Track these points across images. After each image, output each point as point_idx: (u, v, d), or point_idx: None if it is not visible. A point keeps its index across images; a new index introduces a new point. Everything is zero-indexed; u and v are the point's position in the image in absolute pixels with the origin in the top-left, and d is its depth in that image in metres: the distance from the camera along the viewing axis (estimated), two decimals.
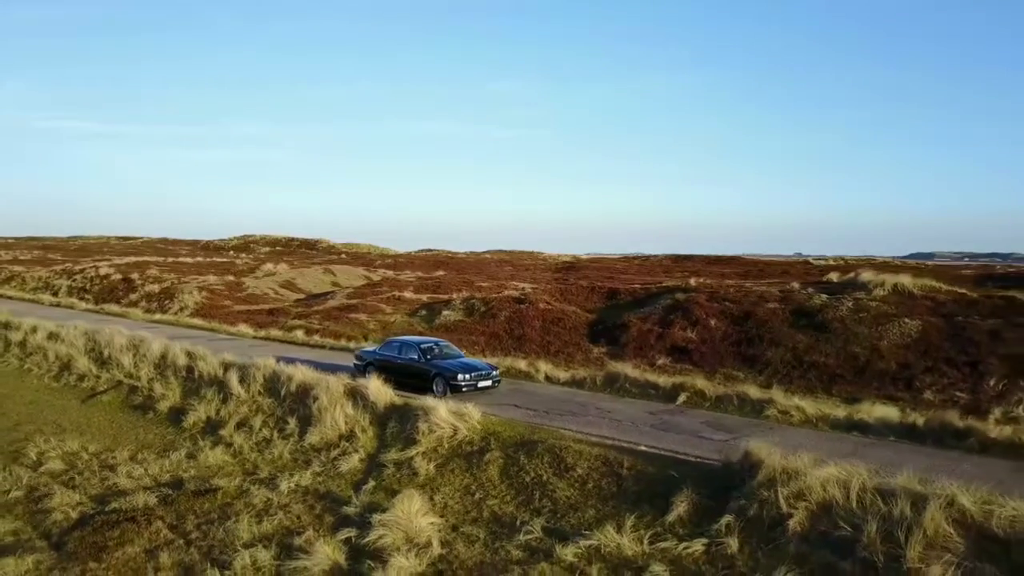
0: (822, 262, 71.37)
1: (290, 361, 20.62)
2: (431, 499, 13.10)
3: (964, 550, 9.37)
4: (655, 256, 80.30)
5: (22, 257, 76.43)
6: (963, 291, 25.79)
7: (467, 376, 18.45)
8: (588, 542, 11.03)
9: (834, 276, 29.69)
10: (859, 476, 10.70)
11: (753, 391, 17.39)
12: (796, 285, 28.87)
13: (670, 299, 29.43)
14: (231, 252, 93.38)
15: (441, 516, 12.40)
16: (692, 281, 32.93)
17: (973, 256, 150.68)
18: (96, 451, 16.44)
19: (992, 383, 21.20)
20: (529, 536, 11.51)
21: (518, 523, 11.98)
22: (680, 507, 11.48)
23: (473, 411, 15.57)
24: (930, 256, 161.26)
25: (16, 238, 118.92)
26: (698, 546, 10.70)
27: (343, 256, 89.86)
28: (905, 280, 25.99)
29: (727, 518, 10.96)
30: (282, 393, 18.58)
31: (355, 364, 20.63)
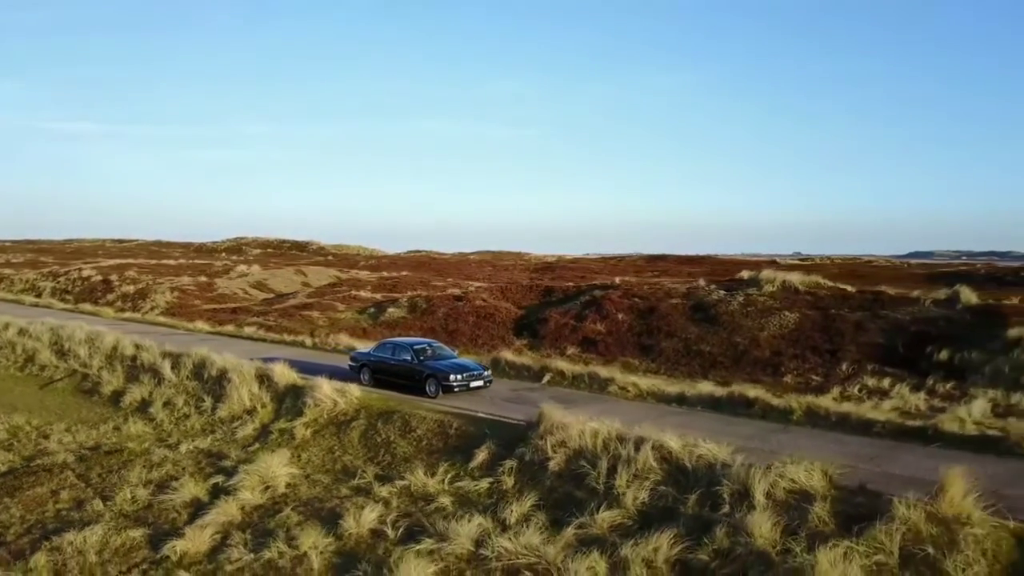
0: (789, 260, 74.32)
1: (241, 354, 23.90)
2: (298, 456, 16.38)
3: (660, 477, 12.58)
4: (630, 256, 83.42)
5: (14, 260, 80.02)
6: (843, 287, 28.84)
7: (459, 376, 19.09)
8: (402, 483, 14.30)
9: (745, 274, 32.72)
10: (610, 428, 13.91)
11: (603, 371, 20.60)
12: (702, 282, 31.95)
13: (590, 296, 32.59)
14: (223, 254, 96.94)
15: (300, 468, 15.68)
16: (617, 280, 36.04)
17: (971, 255, 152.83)
18: (38, 424, 19.81)
19: (844, 367, 24.31)
20: (362, 480, 14.77)
21: (358, 472, 15.23)
22: (481, 456, 14.73)
23: (353, 388, 18.85)
24: (929, 255, 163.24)
25: (13, 241, 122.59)
26: (484, 484, 13.94)
27: (329, 258, 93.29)
28: (793, 278, 29.07)
29: (510, 462, 14.21)
30: (205, 377, 21.90)
31: (349, 365, 21.59)
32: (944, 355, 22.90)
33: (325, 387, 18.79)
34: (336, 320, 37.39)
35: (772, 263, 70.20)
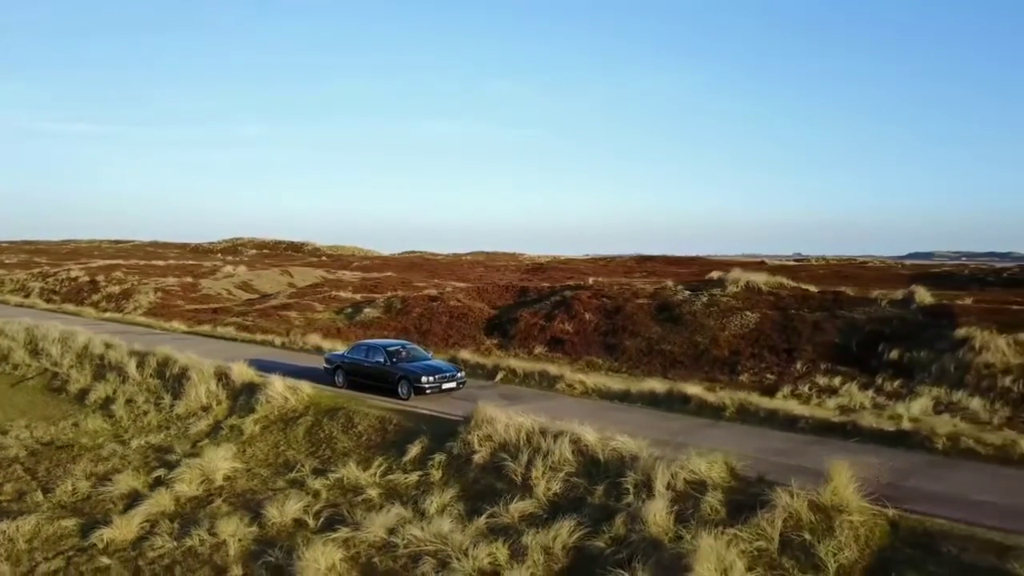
0: (783, 262, 74.75)
1: (210, 353, 24.57)
2: (244, 451, 17.02)
3: (574, 469, 13.18)
4: (621, 257, 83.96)
5: (8, 261, 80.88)
6: (806, 287, 29.38)
7: (431, 379, 19.22)
8: (336, 475, 14.91)
9: (715, 274, 33.26)
10: (534, 423, 14.50)
11: (552, 369, 21.21)
12: (669, 283, 32.51)
13: (560, 296, 33.18)
14: (218, 255, 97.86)
15: (243, 462, 16.31)
16: (591, 280, 36.61)
17: (971, 255, 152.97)
18: (0, 421, 20.47)
19: (799, 366, 24.86)
20: (299, 474, 15.40)
21: (297, 466, 15.85)
22: (413, 451, 15.34)
23: (305, 386, 19.48)
24: (928, 256, 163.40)
25: (10, 242, 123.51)
26: (413, 477, 14.55)
27: (323, 258, 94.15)
28: (757, 278, 29.61)
29: (439, 456, 14.82)
30: (167, 375, 22.56)
31: (324, 367, 21.75)
32: (894, 354, 23.42)
33: (278, 385, 19.41)
34: (313, 320, 38.03)
35: (760, 263, 70.86)
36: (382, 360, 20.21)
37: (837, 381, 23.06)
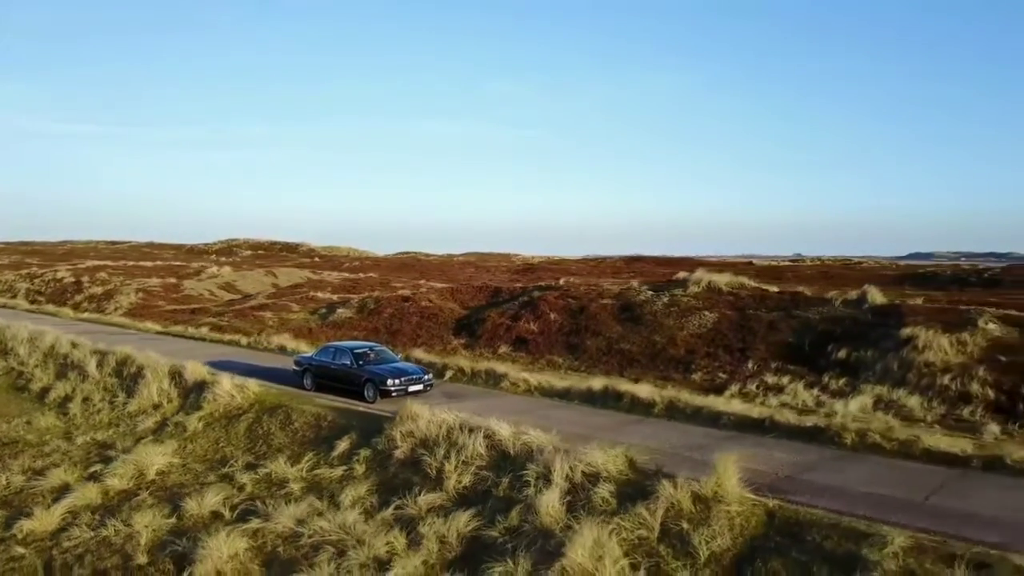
0: (770, 263, 75.13)
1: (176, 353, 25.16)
2: (184, 447, 17.59)
3: (485, 463, 13.71)
4: (611, 258, 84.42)
5: (0, 262, 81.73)
6: (765, 288, 29.84)
7: (397, 381, 19.16)
8: (265, 470, 15.47)
9: (682, 274, 33.74)
10: (455, 418, 15.03)
11: (500, 367, 21.75)
12: (635, 283, 33.01)
13: (528, 297, 33.71)
14: (213, 256, 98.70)
15: (181, 458, 16.87)
16: (561, 280, 37.13)
17: (970, 255, 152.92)
18: None
19: (751, 365, 25.34)
20: (231, 468, 15.96)
21: (231, 461, 16.40)
22: (342, 446, 15.88)
23: (252, 384, 20.05)
24: (929, 256, 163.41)
25: (6, 243, 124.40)
26: (338, 471, 15.09)
27: (316, 259, 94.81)
28: (719, 279, 30.08)
29: (365, 451, 15.37)
30: (124, 374, 23.15)
31: (293, 370, 21.75)
32: (842, 353, 23.90)
33: (225, 384, 19.97)
34: (286, 320, 38.62)
35: (748, 264, 71.35)
36: (348, 362, 20.22)
37: (785, 380, 23.55)
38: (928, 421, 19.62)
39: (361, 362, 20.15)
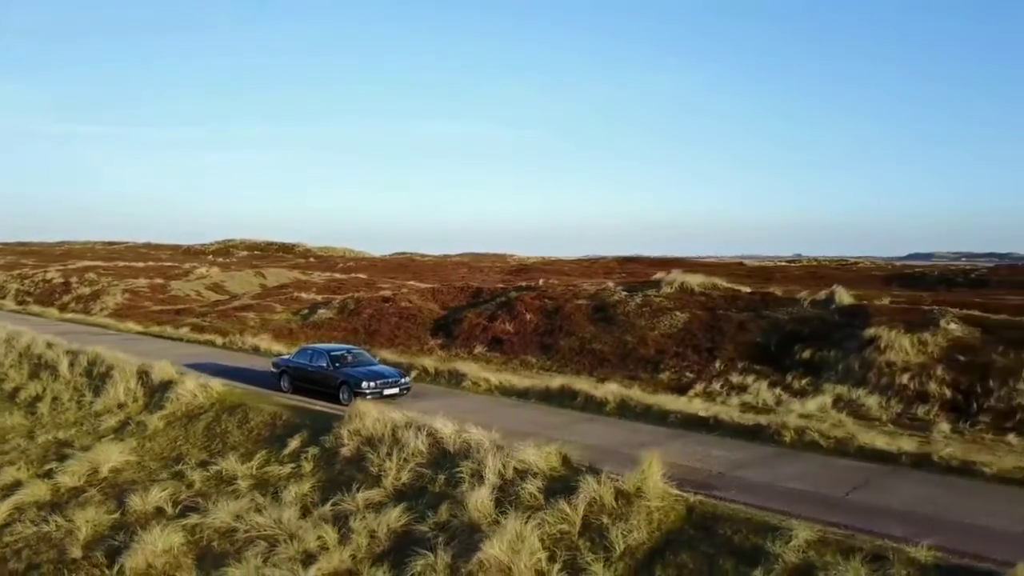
0: (767, 264, 75.35)
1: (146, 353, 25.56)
2: (143, 445, 17.95)
3: (425, 460, 14.05)
4: (605, 258, 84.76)
5: None
6: (737, 288, 30.13)
7: (372, 384, 19.02)
8: (216, 468, 15.82)
9: (660, 275, 34.02)
10: (401, 416, 15.38)
11: (463, 367, 22.10)
12: (610, 283, 33.33)
13: (506, 297, 34.05)
14: (210, 256, 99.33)
15: (138, 456, 17.24)
16: (540, 281, 37.45)
17: (970, 256, 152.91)
18: None
19: (718, 365, 25.63)
20: (184, 466, 16.33)
21: (186, 458, 16.76)
22: (293, 444, 16.24)
23: (216, 383, 20.41)
24: (929, 256, 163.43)
25: (4, 244, 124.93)
26: (287, 469, 15.45)
27: (311, 260, 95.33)
28: (692, 279, 30.39)
29: (313, 449, 15.71)
30: (94, 373, 23.53)
31: (271, 371, 21.72)
32: (806, 353, 24.16)
33: (189, 383, 20.35)
34: (268, 321, 38.99)
35: (739, 264, 71.63)
36: (324, 365, 20.14)
37: (750, 379, 23.83)
38: (883, 420, 19.90)
39: (337, 364, 20.08)
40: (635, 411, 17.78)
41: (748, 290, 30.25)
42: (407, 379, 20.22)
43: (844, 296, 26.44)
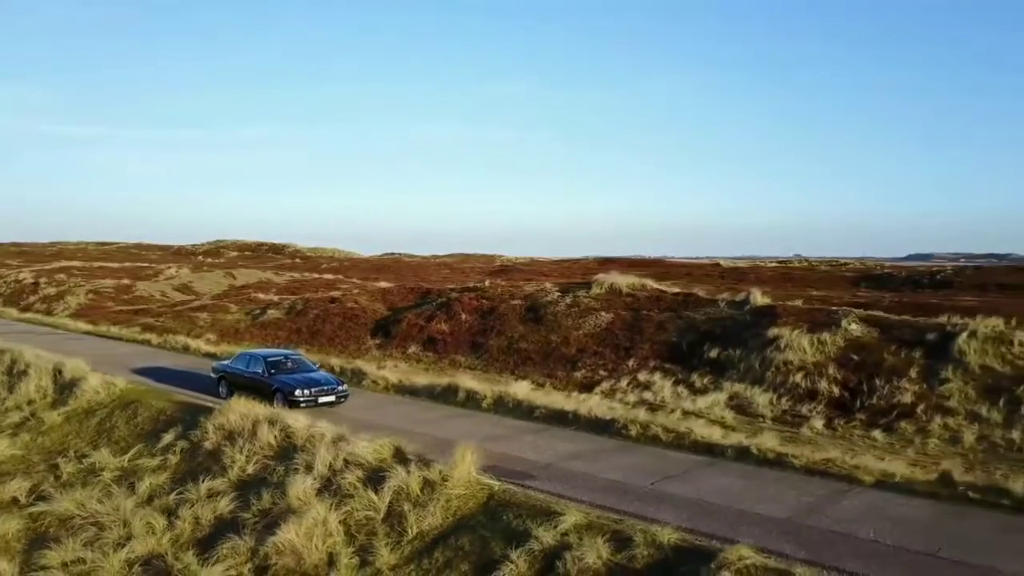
0: (735, 264, 75.92)
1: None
2: (35, 440, 18.90)
3: (273, 453, 14.89)
4: (584, 259, 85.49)
5: None
6: (663, 289, 30.85)
7: (306, 392, 18.65)
8: (90, 460, 16.69)
9: (600, 276, 34.76)
10: (262, 412, 16.19)
11: (366, 366, 22.88)
12: (547, 284, 34.09)
13: (446, 298, 34.87)
14: (199, 257, 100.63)
15: (24, 450, 18.14)
16: (487, 282, 38.24)
17: (970, 257, 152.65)
18: None
19: (631, 363, 26.38)
20: (64, 459, 17.20)
21: (69, 452, 17.64)
22: (167, 438, 17.11)
23: (120, 381, 21.32)
24: (928, 257, 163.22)
25: None
26: (156, 461, 16.32)
27: (297, 260, 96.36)
28: (621, 280, 31.13)
29: (182, 443, 16.55)
30: (14, 371, 24.45)
31: (211, 377, 21.56)
32: (713, 352, 24.89)
33: (93, 380, 21.27)
34: (219, 321, 39.93)
35: (715, 265, 72.14)
36: (260, 371, 19.74)
37: (657, 377, 24.61)
38: (767, 417, 20.68)
39: (272, 371, 19.71)
40: (507, 407, 18.52)
41: (674, 291, 30.94)
42: (344, 386, 19.71)
43: (759, 297, 27.11)
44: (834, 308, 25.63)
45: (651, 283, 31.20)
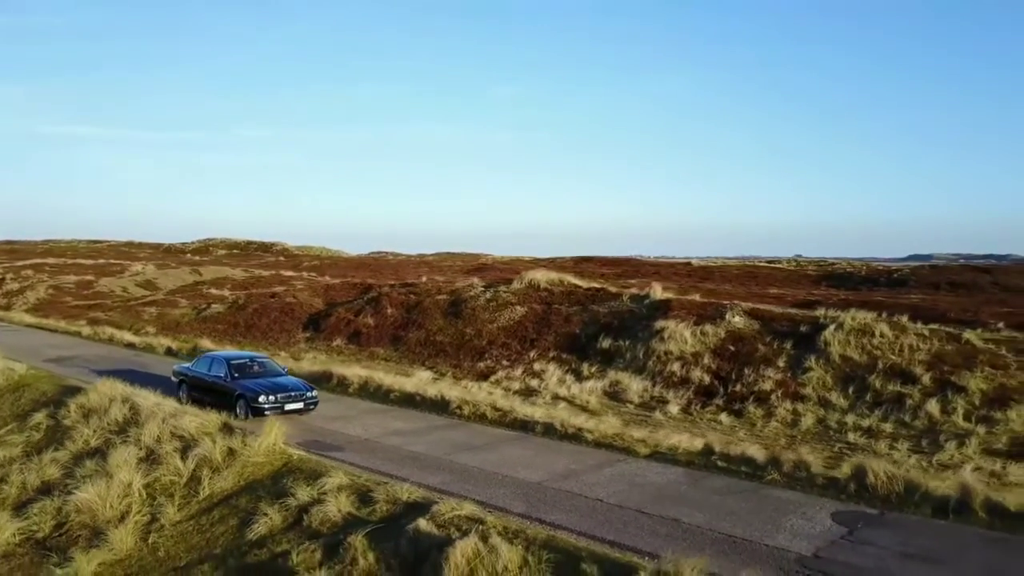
0: (705, 263, 76.96)
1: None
2: None
3: (118, 427, 16.19)
4: (562, 258, 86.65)
5: None
6: (577, 284, 32.05)
7: (271, 398, 17.44)
8: None
9: (530, 273, 36.03)
10: (122, 391, 17.53)
11: (287, 359, 24.16)
12: (474, 280, 35.35)
13: (376, 293, 36.19)
14: (189, 255, 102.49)
15: None
16: (423, 278, 39.55)
17: (969, 257, 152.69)
18: None
19: (532, 354, 27.61)
20: None
21: None
22: (38, 416, 18.48)
23: (20, 367, 22.75)
24: (928, 258, 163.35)
25: None
26: (23, 436, 17.74)
27: (281, 259, 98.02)
28: (540, 276, 32.35)
29: (49, 420, 17.94)
30: None
31: (172, 380, 20.50)
32: (606, 343, 26.09)
33: None
34: (165, 315, 41.40)
35: (686, 264, 73.11)
36: (223, 375, 18.51)
37: (550, 367, 25.81)
38: (635, 403, 21.88)
39: (236, 375, 18.44)
40: (370, 391, 19.80)
41: (585, 286, 32.13)
42: (313, 392, 18.33)
43: (657, 292, 28.25)
44: (724, 303, 26.74)
45: (569, 279, 32.37)
